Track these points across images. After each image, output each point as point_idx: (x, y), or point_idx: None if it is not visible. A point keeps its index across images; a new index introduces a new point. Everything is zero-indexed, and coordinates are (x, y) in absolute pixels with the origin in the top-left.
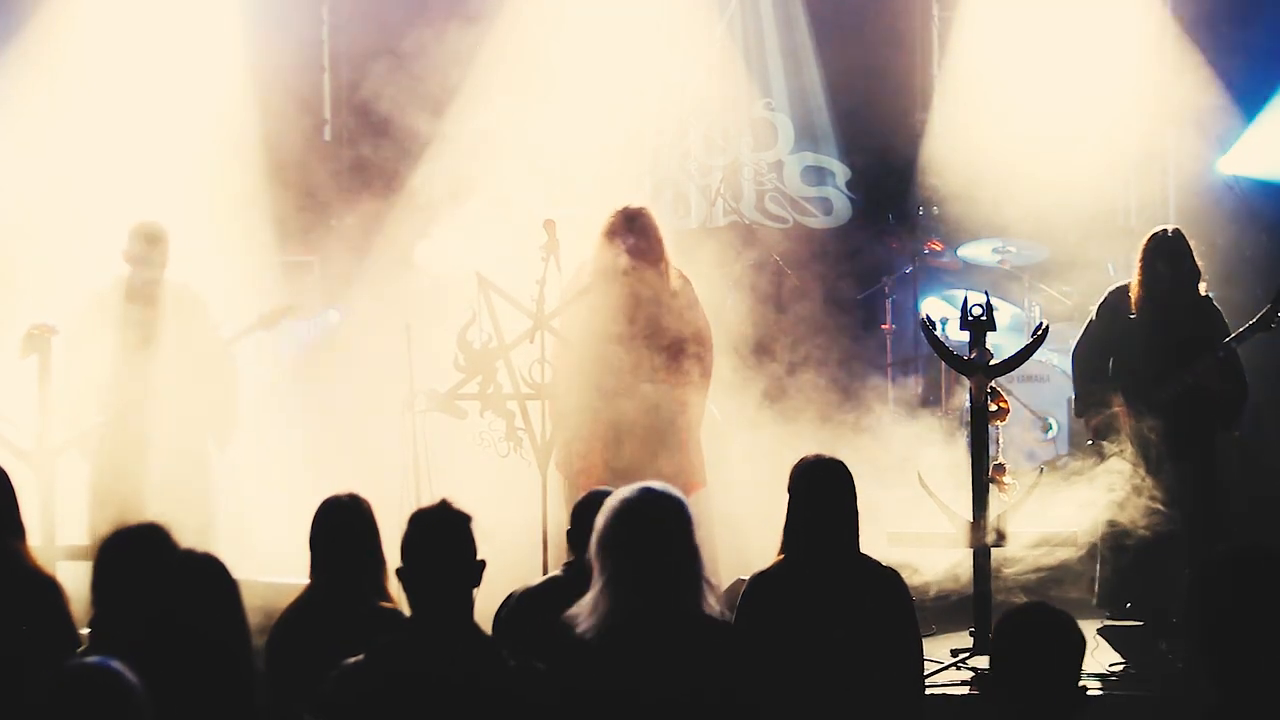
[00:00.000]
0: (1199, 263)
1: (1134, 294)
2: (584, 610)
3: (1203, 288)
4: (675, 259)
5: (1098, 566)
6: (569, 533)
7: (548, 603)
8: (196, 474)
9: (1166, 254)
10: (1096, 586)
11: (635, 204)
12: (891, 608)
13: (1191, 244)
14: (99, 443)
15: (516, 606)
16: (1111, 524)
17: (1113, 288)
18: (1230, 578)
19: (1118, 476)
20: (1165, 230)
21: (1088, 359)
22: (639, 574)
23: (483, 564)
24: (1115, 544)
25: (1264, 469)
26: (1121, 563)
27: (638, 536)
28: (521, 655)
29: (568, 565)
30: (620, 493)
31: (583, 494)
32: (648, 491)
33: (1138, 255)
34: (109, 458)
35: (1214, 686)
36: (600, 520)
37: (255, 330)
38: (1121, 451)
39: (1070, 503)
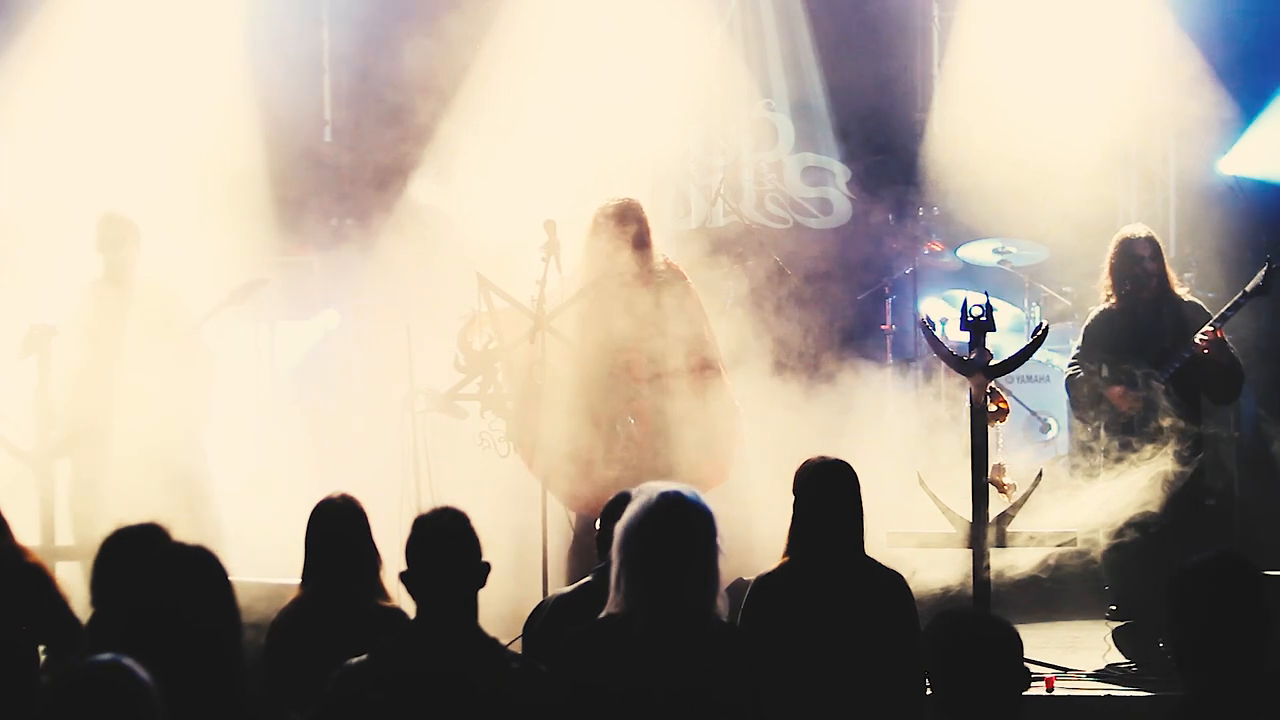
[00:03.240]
0: (1168, 265)
1: (1109, 298)
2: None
3: (1184, 293)
4: (668, 251)
5: (1099, 565)
6: (598, 536)
7: (582, 608)
8: (177, 474)
9: (1145, 249)
10: (1104, 587)
11: (621, 198)
12: (894, 609)
13: (1187, 246)
14: (76, 443)
15: (552, 613)
16: (1110, 522)
17: (1095, 310)
18: (1203, 586)
19: (1117, 474)
20: (1137, 230)
21: (1076, 369)
22: (656, 573)
23: (488, 566)
24: (1114, 542)
25: (1264, 468)
26: (1121, 561)
27: (659, 535)
28: (526, 658)
29: (598, 570)
30: (647, 491)
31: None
32: (676, 494)
33: (1109, 256)
34: (83, 458)
35: (1188, 684)
36: (626, 516)
37: (225, 306)
38: (1098, 435)
39: (1071, 502)
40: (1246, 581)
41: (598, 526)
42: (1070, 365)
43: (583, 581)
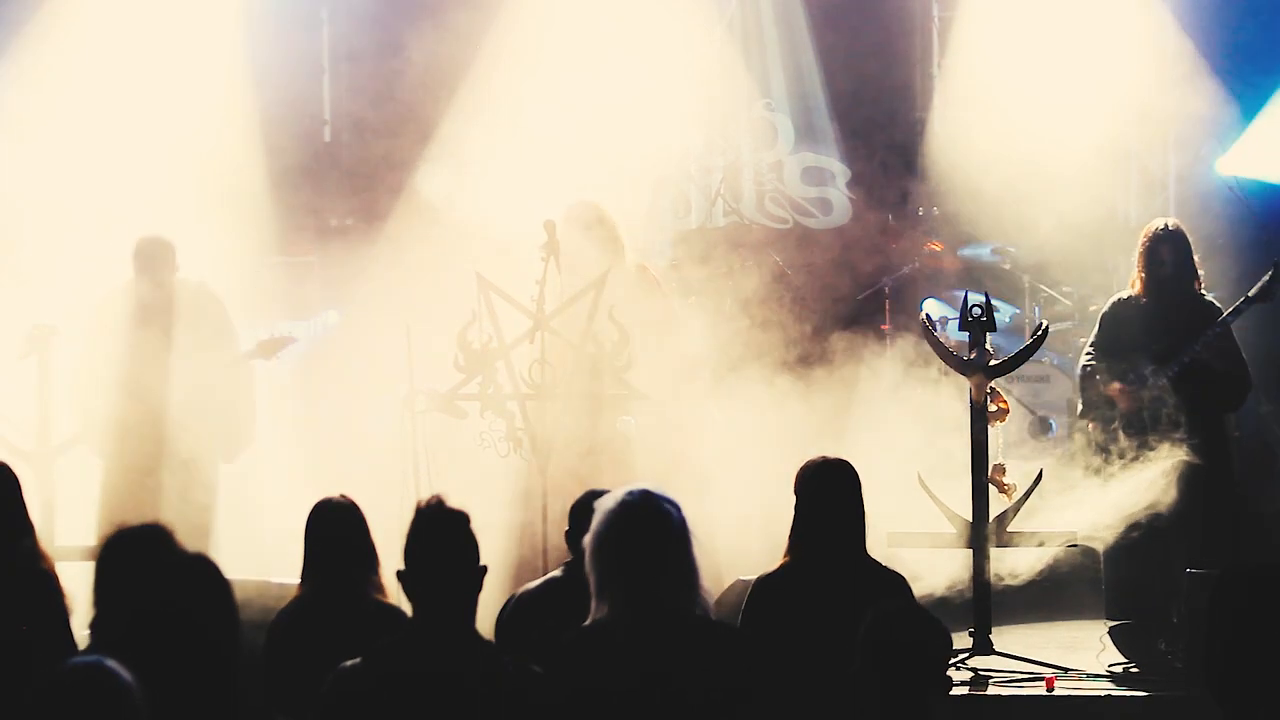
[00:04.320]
0: (1197, 264)
1: (1135, 286)
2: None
3: (1206, 292)
4: (668, 252)
5: (1100, 566)
6: (567, 533)
7: (548, 604)
8: (201, 480)
9: (1167, 243)
10: (1102, 586)
11: (583, 201)
12: None
13: (1191, 243)
14: (113, 444)
15: (517, 608)
16: (1110, 522)
17: (1114, 298)
18: (1240, 600)
19: (1115, 474)
20: (1165, 223)
21: (1091, 360)
22: (631, 576)
23: (484, 569)
24: (1114, 542)
25: (1264, 468)
26: (1121, 561)
27: (628, 539)
28: (520, 658)
29: (567, 565)
30: (613, 495)
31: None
32: (642, 494)
33: (1139, 246)
34: (122, 459)
35: (1220, 707)
36: (593, 524)
37: (253, 358)
38: (1115, 438)
39: (1070, 501)
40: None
41: (567, 525)
42: (1086, 354)
43: (549, 576)
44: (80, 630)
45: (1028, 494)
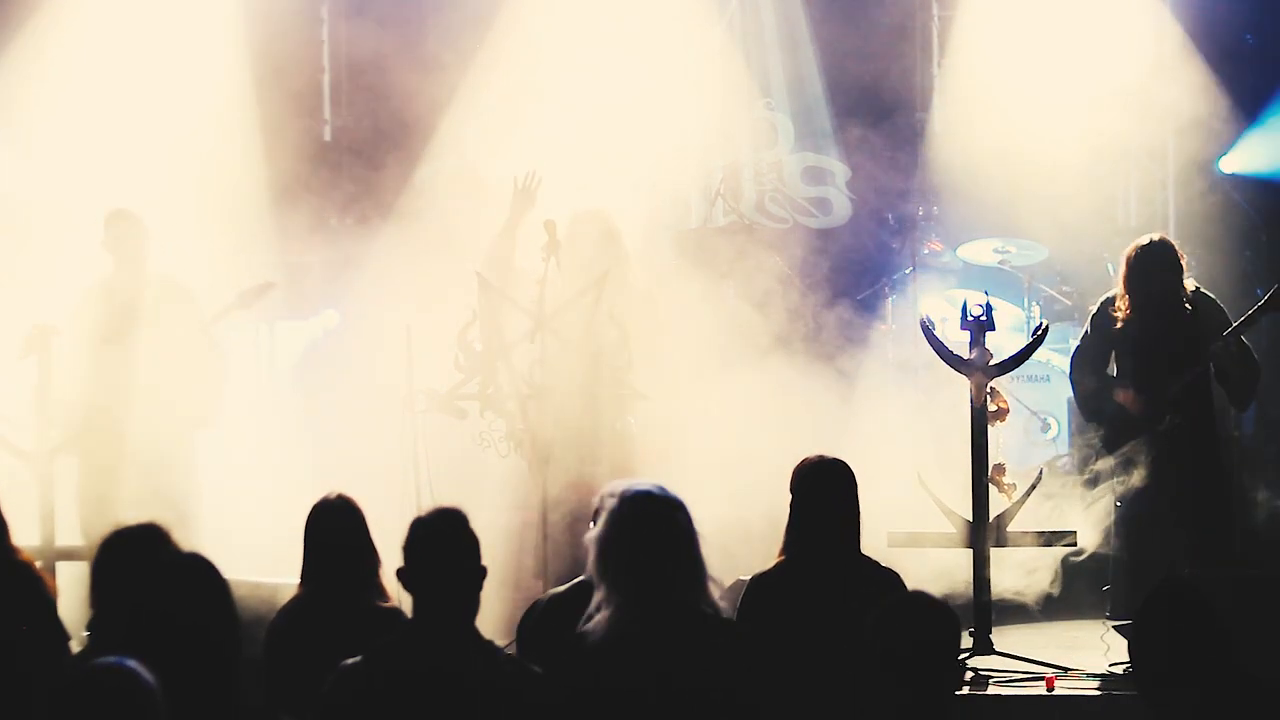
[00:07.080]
0: (1184, 264)
1: (1120, 303)
2: (594, 613)
3: (1189, 283)
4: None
5: (1100, 565)
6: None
7: (576, 607)
8: (178, 473)
9: (1149, 261)
10: (1104, 584)
11: (591, 208)
12: None
13: (1187, 246)
14: (85, 441)
15: (544, 612)
16: (1113, 523)
17: (1103, 298)
18: (1160, 619)
19: (1118, 474)
20: (1150, 239)
21: (1085, 365)
22: (640, 575)
23: (484, 570)
24: (1116, 542)
25: (1264, 469)
26: (1122, 561)
27: (637, 538)
28: (520, 659)
29: None
30: (619, 495)
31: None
32: (645, 492)
33: (1122, 265)
34: (94, 456)
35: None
36: (599, 524)
37: (234, 310)
38: (1133, 455)
39: (1071, 502)
40: (1194, 610)
41: (592, 525)
42: (1076, 355)
43: (576, 580)
44: (79, 631)
45: (1028, 494)
